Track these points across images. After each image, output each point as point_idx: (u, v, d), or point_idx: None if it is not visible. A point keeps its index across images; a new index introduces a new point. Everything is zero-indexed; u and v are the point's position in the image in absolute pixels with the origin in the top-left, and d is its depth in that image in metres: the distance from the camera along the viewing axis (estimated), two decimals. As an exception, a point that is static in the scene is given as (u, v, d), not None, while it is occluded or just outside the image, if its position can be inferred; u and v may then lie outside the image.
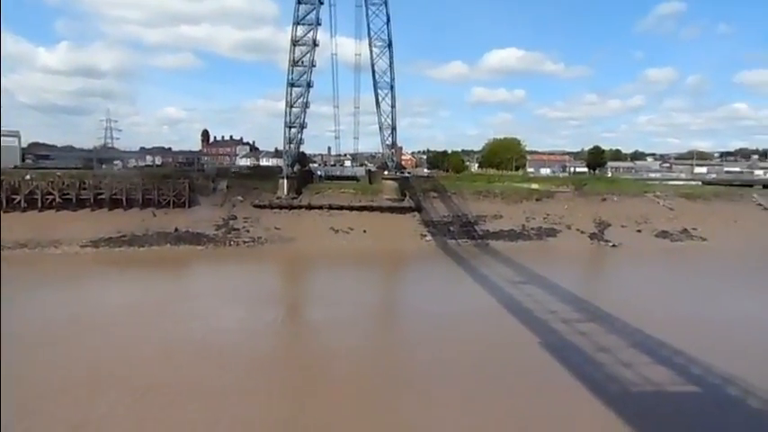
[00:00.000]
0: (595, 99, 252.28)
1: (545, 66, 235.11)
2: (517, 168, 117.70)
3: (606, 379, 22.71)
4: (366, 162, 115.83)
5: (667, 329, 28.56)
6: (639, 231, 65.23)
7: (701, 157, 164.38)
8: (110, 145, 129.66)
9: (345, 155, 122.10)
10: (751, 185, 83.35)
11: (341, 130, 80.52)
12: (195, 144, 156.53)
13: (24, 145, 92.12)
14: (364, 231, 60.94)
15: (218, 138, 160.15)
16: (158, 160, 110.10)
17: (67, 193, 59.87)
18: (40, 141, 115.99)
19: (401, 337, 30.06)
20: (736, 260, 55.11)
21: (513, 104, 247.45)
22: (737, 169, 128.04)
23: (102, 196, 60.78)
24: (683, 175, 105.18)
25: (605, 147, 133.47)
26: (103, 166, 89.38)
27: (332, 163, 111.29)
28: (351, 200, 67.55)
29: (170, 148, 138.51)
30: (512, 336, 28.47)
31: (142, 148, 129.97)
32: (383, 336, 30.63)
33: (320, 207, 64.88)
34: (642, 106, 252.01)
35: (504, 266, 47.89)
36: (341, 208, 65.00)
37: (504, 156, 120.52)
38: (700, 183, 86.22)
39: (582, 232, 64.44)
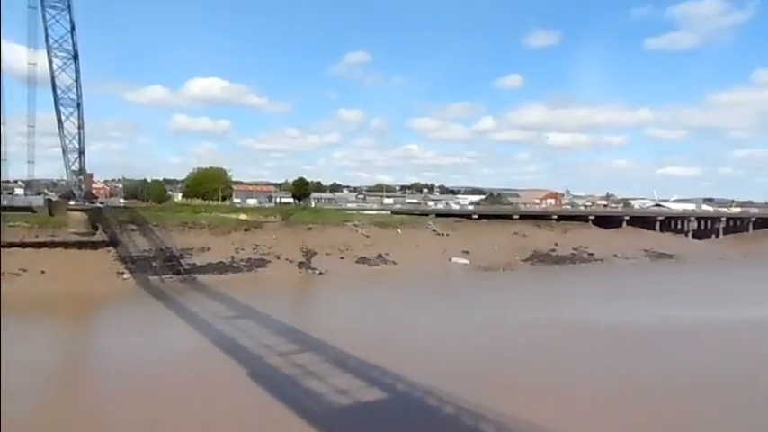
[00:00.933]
0: (297, 133, 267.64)
1: (249, 98, 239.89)
2: (224, 198, 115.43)
3: (314, 403, 22.70)
4: (46, 190, 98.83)
5: (378, 348, 30.45)
6: (342, 258, 69.68)
7: (387, 189, 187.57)
8: None
9: (16, 181, 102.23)
10: (427, 214, 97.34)
11: (10, 152, 66.48)
12: None
13: None
14: (42, 272, 51.01)
15: None
16: None
17: None
18: None
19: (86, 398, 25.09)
20: (423, 280, 63.14)
21: (218, 134, 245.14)
22: (416, 200, 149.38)
23: None
24: (374, 206, 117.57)
25: (307, 179, 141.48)
26: None
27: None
28: (24, 235, 56.12)
29: None
30: (224, 376, 26.40)
31: None
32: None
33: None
34: (337, 143, 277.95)
35: (214, 301, 45.26)
36: (9, 245, 53.21)
37: (209, 186, 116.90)
38: (389, 212, 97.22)
39: (291, 261, 65.74)
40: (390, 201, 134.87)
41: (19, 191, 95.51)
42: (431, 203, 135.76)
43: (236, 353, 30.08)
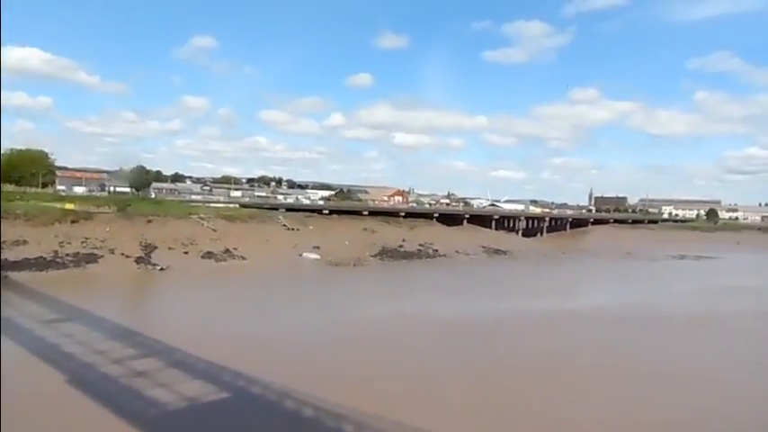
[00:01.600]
0: (134, 118, 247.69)
1: (77, 75, 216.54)
2: (44, 186, 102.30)
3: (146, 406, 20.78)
4: None
5: (226, 350, 28.47)
6: (187, 253, 65.21)
7: (234, 182, 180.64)
8: None
9: None
10: (277, 209, 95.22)
11: None
12: None
13: None
14: None
15: None
16: None
17: None
18: None
19: None
20: (272, 277, 61.31)
21: (37, 112, 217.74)
22: (264, 194, 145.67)
23: None
24: (221, 198, 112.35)
25: (147, 167, 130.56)
26: None
27: None
28: None
29: None
30: (47, 390, 22.85)
31: None
32: None
33: None
34: (180, 130, 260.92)
35: (32, 303, 39.30)
36: None
37: (26, 170, 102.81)
38: (237, 205, 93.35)
39: (127, 257, 59.94)
40: (238, 194, 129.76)
41: None
42: (280, 197, 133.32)
43: (62, 362, 26.23)
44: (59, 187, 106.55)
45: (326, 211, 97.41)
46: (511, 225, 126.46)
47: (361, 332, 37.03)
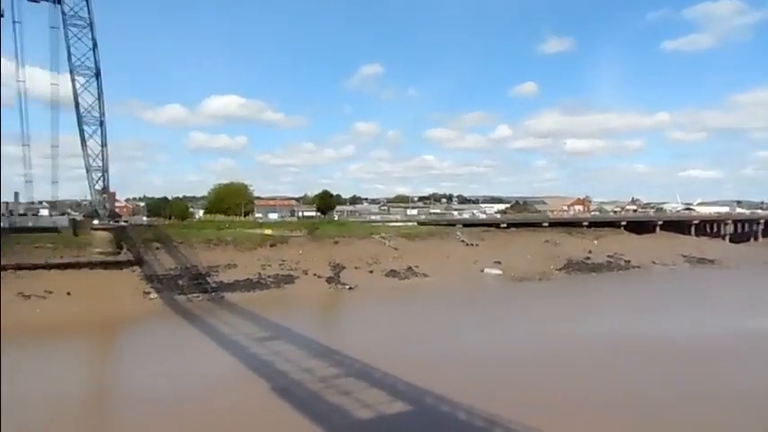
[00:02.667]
0: (313, 147, 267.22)
1: (266, 114, 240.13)
2: (246, 214, 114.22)
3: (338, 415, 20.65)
4: (70, 210, 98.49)
5: (415, 366, 28.43)
6: (371, 272, 67.55)
7: (405, 200, 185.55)
8: None
9: (41, 202, 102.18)
10: (453, 224, 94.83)
11: (34, 174, 65.69)
12: None
13: None
14: (68, 294, 49.66)
15: None
16: None
17: None
18: None
19: None
20: (455, 293, 60.67)
21: (236, 150, 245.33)
22: (438, 210, 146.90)
23: None
24: (398, 217, 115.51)
25: (330, 192, 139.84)
26: None
27: (21, 212, 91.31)
28: (49, 256, 54.98)
29: None
30: (264, 402, 24.36)
31: None
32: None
33: (3, 268, 50.92)
34: (353, 155, 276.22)
35: (244, 321, 43.37)
36: (34, 267, 52.14)
37: (231, 201, 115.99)
38: (415, 223, 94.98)
39: (319, 277, 63.79)
40: (414, 212, 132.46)
41: (44, 211, 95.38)
42: (455, 213, 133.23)
43: (275, 378, 28.03)
44: (257, 215, 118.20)
45: (504, 225, 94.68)
46: (715, 230, 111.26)
47: (557, 351, 34.52)
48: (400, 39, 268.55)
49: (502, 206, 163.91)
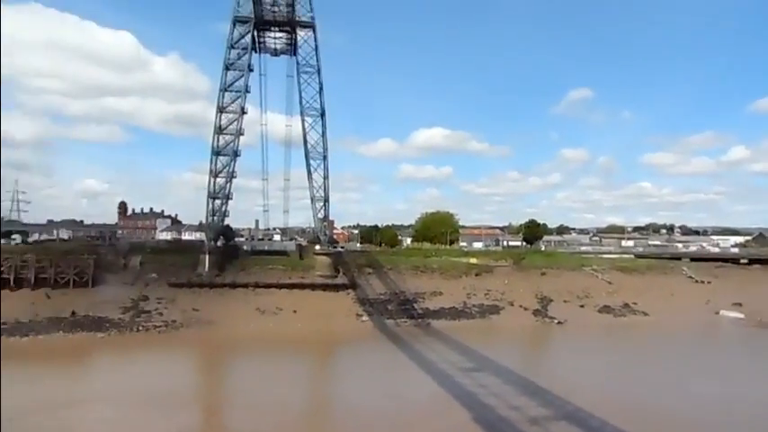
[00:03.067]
0: (517, 176, 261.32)
1: (470, 144, 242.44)
2: (451, 243, 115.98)
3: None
4: (296, 236, 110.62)
5: (632, 418, 25.11)
6: (582, 306, 63.09)
7: (619, 231, 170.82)
8: (14, 218, 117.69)
9: (275, 229, 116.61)
10: (679, 258, 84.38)
11: (270, 204, 75.97)
12: (114, 218, 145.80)
13: None
14: (294, 312, 55.19)
15: (138, 210, 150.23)
16: (66, 234, 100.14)
17: (-60, 273, 51.16)
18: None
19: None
20: (682, 337, 53.44)
21: (441, 180, 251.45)
22: (658, 242, 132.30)
23: (-18, 277, 52.34)
24: (611, 248, 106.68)
25: (527, 221, 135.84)
26: (3, 241, 79.71)
27: (260, 237, 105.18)
28: (280, 276, 61.99)
29: (81, 221, 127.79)
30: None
31: (50, 221, 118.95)
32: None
33: (245, 285, 58.77)
34: (560, 183, 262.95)
35: (449, 350, 43.40)
36: (268, 286, 59.20)
37: (437, 230, 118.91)
38: (632, 256, 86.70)
39: (525, 308, 61.48)
40: (630, 243, 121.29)
41: (276, 237, 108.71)
42: (679, 246, 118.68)
43: (480, 411, 27.25)
44: (462, 243, 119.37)
45: (744, 261, 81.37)
46: None
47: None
48: (612, 60, 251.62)
49: (739, 239, 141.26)
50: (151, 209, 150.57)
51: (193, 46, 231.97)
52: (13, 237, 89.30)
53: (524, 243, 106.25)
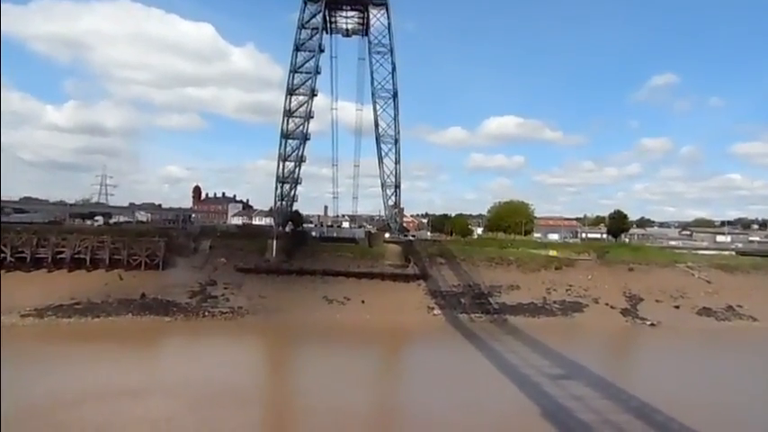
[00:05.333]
0: (592, 166, 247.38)
1: (543, 133, 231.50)
2: (526, 233, 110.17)
3: None
4: (365, 224, 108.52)
5: None
6: (677, 307, 56.91)
7: (705, 225, 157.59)
8: (102, 201, 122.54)
9: (343, 216, 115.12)
10: (790, 256, 75.24)
11: (339, 192, 74.01)
12: (191, 202, 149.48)
13: (16, 198, 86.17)
14: (362, 302, 52.67)
15: (212, 196, 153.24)
16: (144, 217, 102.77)
17: (22, 251, 52.20)
18: (34, 197, 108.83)
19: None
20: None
21: (512, 170, 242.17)
22: (758, 238, 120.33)
23: (63, 255, 53.08)
24: (705, 243, 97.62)
25: (602, 213, 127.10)
26: (88, 222, 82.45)
27: (329, 224, 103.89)
28: (348, 264, 59.69)
29: (159, 205, 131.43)
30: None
31: (131, 204, 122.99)
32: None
33: (313, 272, 56.81)
34: (638, 174, 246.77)
35: (531, 351, 39.34)
36: (336, 274, 57.00)
37: (511, 219, 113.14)
38: (733, 252, 78.32)
39: (612, 307, 56.13)
40: (726, 238, 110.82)
41: (345, 224, 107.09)
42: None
43: (578, 429, 23.34)
44: (536, 235, 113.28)
45: None
46: None
47: None
48: (699, 44, 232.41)
49: None
50: (223, 193, 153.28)
51: (268, 36, 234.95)
52: (96, 218, 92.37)
53: (608, 236, 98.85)
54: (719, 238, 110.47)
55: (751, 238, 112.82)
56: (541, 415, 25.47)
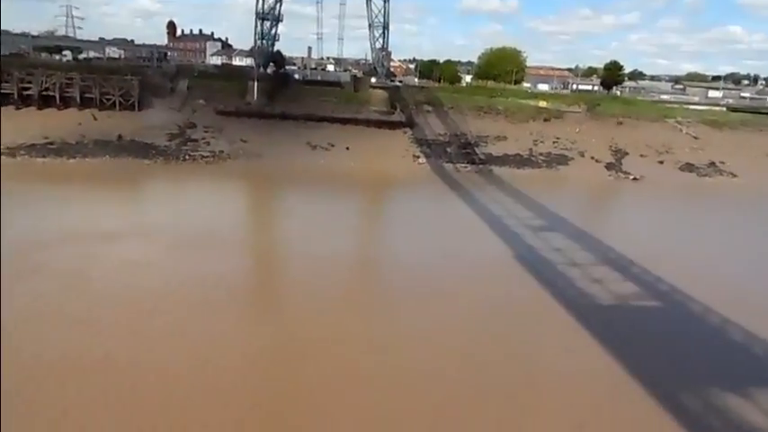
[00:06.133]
0: (590, 14, 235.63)
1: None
2: (516, 83, 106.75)
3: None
4: (350, 68, 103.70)
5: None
6: (661, 163, 57.18)
7: (698, 79, 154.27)
8: (69, 34, 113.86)
9: (328, 58, 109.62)
10: (780, 113, 74.39)
11: (324, 33, 69.42)
12: (166, 39, 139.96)
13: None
14: (347, 148, 51.75)
15: (188, 32, 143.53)
16: (117, 53, 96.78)
17: (-17, 87, 49.11)
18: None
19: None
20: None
21: (504, 15, 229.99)
22: (749, 94, 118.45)
23: (30, 92, 50.13)
24: (697, 98, 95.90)
25: (594, 65, 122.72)
26: (55, 57, 77.41)
27: (312, 66, 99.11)
28: (332, 110, 57.59)
29: (132, 41, 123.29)
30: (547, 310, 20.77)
31: (101, 39, 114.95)
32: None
33: (296, 117, 54.94)
34: (636, 24, 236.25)
35: (515, 203, 39.56)
36: (320, 119, 55.19)
37: (502, 68, 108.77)
38: (724, 108, 77.17)
39: (597, 161, 56.14)
40: (718, 94, 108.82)
41: (330, 67, 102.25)
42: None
43: (560, 284, 23.91)
44: (526, 85, 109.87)
45: None
46: None
47: None
48: None
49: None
50: (200, 30, 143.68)
51: None
52: (64, 53, 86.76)
53: (600, 88, 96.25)
54: (712, 94, 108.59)
55: (743, 95, 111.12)
56: (520, 264, 25.97)
